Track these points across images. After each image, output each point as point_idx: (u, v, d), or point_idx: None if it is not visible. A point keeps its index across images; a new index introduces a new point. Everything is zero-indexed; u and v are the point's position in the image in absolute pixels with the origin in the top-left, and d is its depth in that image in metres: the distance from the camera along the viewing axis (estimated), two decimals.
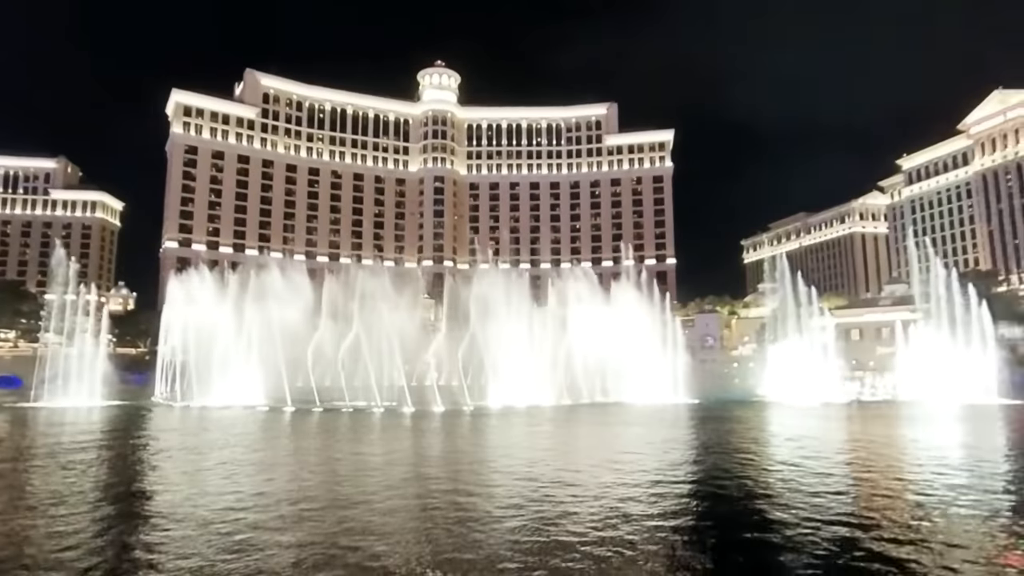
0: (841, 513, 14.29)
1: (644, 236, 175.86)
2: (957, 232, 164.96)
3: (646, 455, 27.19)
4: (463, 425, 44.74)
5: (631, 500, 15.99)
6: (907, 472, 22.88)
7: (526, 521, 13.25)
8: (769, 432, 40.60)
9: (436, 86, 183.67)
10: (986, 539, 12.34)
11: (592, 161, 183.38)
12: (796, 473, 21.36)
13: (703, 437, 35.20)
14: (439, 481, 19.67)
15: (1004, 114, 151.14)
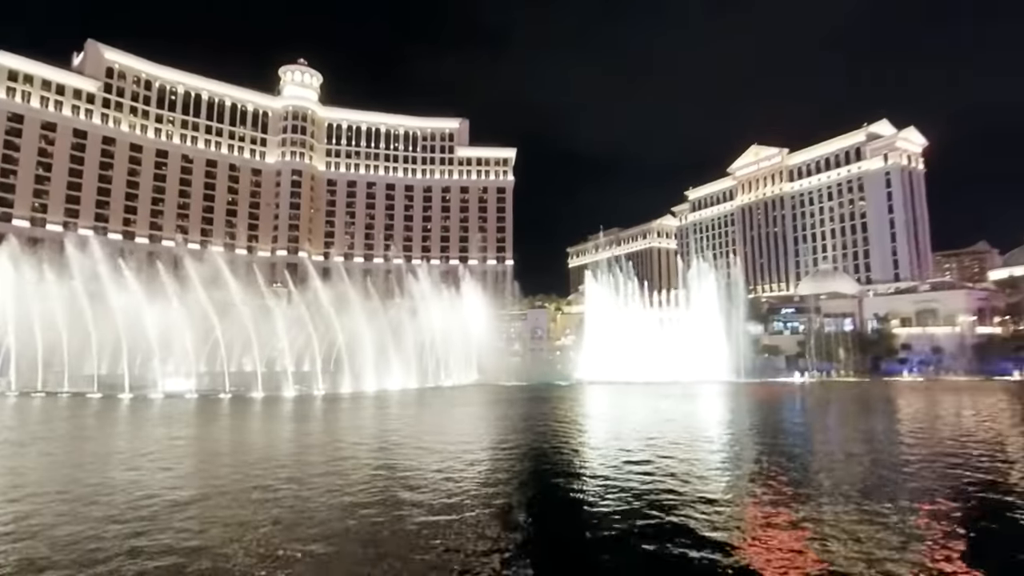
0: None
1: (488, 240, 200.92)
2: (724, 250, 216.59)
3: (476, 429, 35.09)
4: (309, 409, 48.14)
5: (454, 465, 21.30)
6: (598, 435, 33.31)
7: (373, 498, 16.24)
8: (570, 407, 51.69)
9: (298, 83, 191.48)
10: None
11: (444, 169, 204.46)
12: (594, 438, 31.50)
13: (520, 411, 44.75)
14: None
15: (757, 164, 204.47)
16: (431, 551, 11.58)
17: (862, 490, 17.83)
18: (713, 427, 37.68)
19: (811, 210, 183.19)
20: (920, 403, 55.71)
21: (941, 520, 14.61)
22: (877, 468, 22.03)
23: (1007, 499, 17.08)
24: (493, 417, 43.21)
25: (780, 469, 21.78)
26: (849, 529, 13.37)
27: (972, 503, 16.49)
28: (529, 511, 15.84)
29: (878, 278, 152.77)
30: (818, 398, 63.47)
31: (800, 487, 18.82)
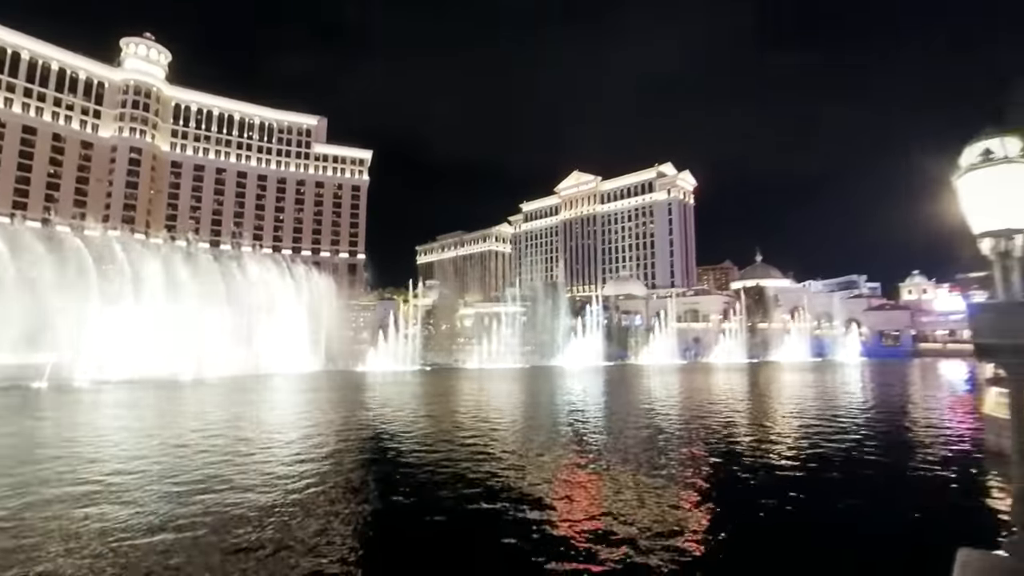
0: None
1: (341, 234, 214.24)
2: (550, 257, 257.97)
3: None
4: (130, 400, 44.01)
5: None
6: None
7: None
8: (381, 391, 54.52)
9: (142, 57, 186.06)
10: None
11: (300, 163, 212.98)
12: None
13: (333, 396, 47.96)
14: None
15: (577, 187, 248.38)
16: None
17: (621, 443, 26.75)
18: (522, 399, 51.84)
19: (615, 228, 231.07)
20: (689, 379, 73.58)
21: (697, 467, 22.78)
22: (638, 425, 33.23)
23: (736, 448, 25.94)
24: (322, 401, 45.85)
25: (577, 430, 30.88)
26: (631, 480, 19.33)
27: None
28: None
29: (660, 284, 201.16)
30: (618, 376, 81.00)
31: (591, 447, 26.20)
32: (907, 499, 19.41)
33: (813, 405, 46.21)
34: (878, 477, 22.80)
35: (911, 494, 20.06)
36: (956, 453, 26.88)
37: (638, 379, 75.72)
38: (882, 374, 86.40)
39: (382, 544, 14.20)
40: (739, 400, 50.56)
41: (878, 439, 31.29)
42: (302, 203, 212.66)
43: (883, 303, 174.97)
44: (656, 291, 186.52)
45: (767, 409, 44.73)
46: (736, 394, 56.06)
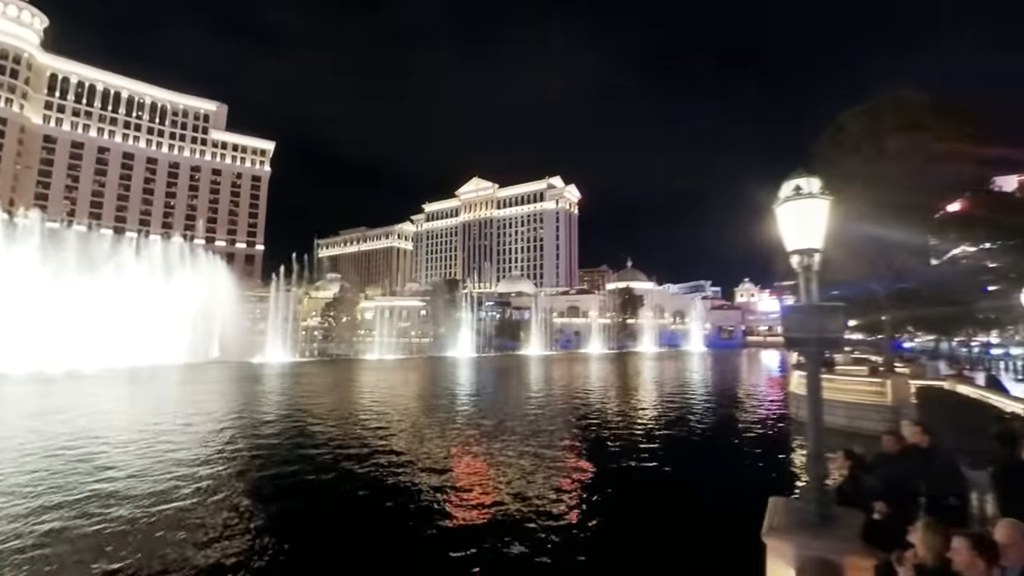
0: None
1: (238, 223, 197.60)
2: (449, 255, 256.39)
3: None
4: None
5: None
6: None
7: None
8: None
9: (11, 18, 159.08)
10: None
11: (196, 148, 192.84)
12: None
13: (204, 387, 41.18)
14: None
15: (477, 192, 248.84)
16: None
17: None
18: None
19: (510, 231, 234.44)
20: (571, 366, 78.83)
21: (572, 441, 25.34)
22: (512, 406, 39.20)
23: (595, 421, 29.74)
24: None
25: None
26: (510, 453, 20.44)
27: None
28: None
29: (547, 283, 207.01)
30: (511, 364, 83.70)
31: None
32: (735, 459, 22.26)
33: (667, 385, 51.30)
34: (715, 442, 25.76)
35: (738, 455, 22.98)
36: (771, 422, 30.82)
37: (527, 367, 77.68)
38: (719, 361, 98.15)
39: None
40: (610, 383, 54.13)
41: (714, 411, 35.18)
42: (196, 190, 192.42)
43: (722, 304, 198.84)
44: (543, 289, 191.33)
45: (631, 390, 48.44)
46: (608, 378, 59.98)
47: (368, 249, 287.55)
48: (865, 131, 30.46)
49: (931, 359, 55.21)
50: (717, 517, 13.38)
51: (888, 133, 28.92)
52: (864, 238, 27.04)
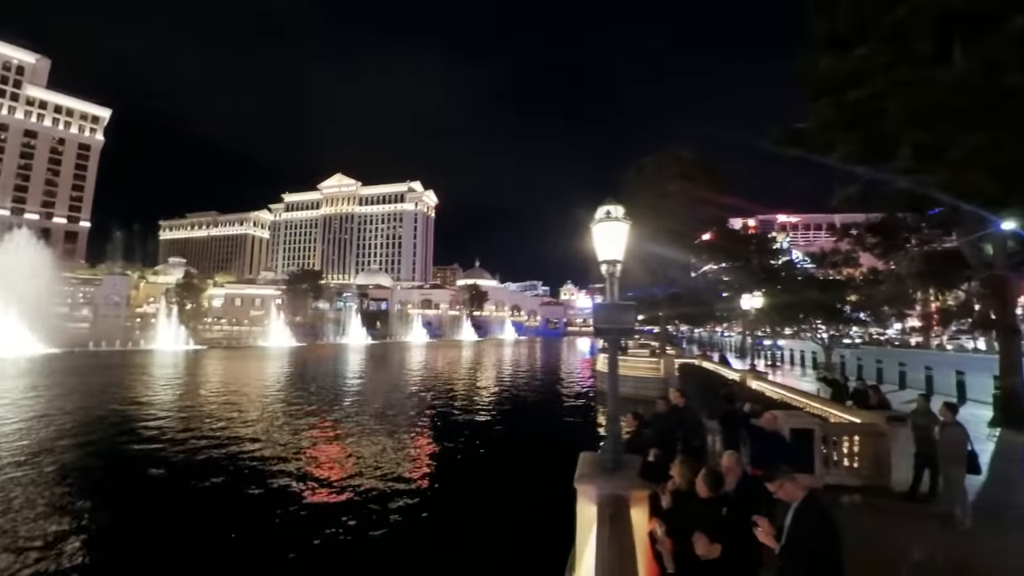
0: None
1: (58, 195, 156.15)
2: (308, 246, 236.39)
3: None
4: None
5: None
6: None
7: None
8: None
9: None
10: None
11: (4, 104, 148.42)
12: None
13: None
14: None
15: (339, 187, 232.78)
16: None
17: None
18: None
19: (370, 228, 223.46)
20: (428, 353, 78.07)
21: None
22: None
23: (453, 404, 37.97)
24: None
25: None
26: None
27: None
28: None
29: (404, 278, 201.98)
30: (378, 352, 79.26)
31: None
32: (558, 422, 24.21)
33: (507, 366, 53.37)
34: (542, 410, 27.71)
35: (560, 419, 25.06)
36: (583, 393, 34.11)
37: (395, 353, 75.32)
38: (547, 346, 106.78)
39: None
40: (464, 366, 54.67)
41: (541, 386, 37.80)
42: (1, 151, 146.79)
43: (550, 300, 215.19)
44: (400, 283, 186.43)
45: (478, 371, 49.45)
46: (463, 362, 60.63)
47: (220, 235, 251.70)
48: (655, 174, 35.22)
49: (688, 344, 65.41)
50: (543, 469, 14.16)
51: (669, 178, 33.84)
52: (650, 254, 31.48)
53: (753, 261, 36.06)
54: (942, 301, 46.53)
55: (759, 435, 7.60)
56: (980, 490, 8.87)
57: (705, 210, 33.31)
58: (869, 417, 10.27)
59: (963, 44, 14.86)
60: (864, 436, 9.83)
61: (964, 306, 30.11)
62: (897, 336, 71.12)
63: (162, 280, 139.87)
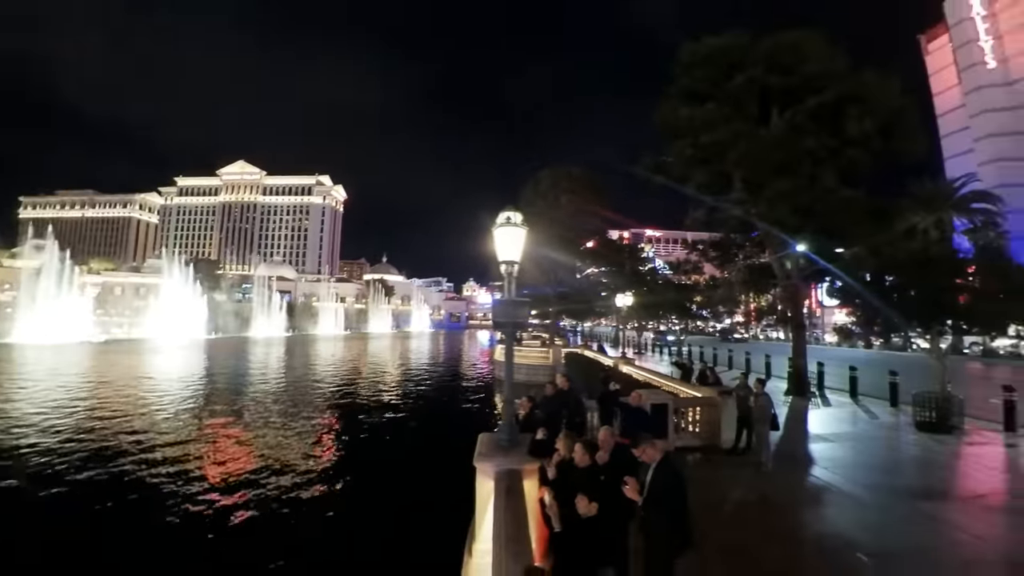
0: None
1: None
2: (202, 234, 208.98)
3: None
4: None
5: None
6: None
7: None
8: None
9: None
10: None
11: None
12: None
13: None
14: None
15: (242, 175, 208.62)
16: None
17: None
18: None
19: (275, 218, 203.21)
20: (334, 345, 69.41)
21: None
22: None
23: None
24: None
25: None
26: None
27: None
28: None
29: (309, 270, 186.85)
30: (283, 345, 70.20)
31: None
32: (456, 408, 24.12)
33: (415, 356, 51.88)
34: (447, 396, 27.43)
35: (458, 406, 24.97)
36: (483, 381, 34.47)
37: (302, 346, 69.15)
38: (450, 338, 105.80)
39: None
40: (373, 357, 52.01)
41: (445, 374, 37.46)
42: None
43: (454, 296, 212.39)
44: (305, 276, 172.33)
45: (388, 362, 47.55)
46: (371, 355, 57.40)
47: (98, 216, 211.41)
48: (549, 187, 36.65)
49: (573, 335, 69.23)
50: (445, 450, 14.07)
51: (561, 192, 35.47)
52: (543, 257, 32.74)
53: (626, 266, 39.18)
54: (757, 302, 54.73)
55: (627, 410, 8.36)
56: (778, 443, 10.60)
57: (590, 221, 35.54)
58: (707, 392, 11.76)
59: (779, 112, 17.70)
60: (703, 407, 11.24)
61: (771, 306, 35.74)
62: (727, 328, 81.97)
63: (20, 264, 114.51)
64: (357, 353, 57.92)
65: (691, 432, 11.09)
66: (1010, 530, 7.03)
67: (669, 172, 19.85)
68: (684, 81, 19.03)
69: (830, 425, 13.60)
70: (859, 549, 6.24)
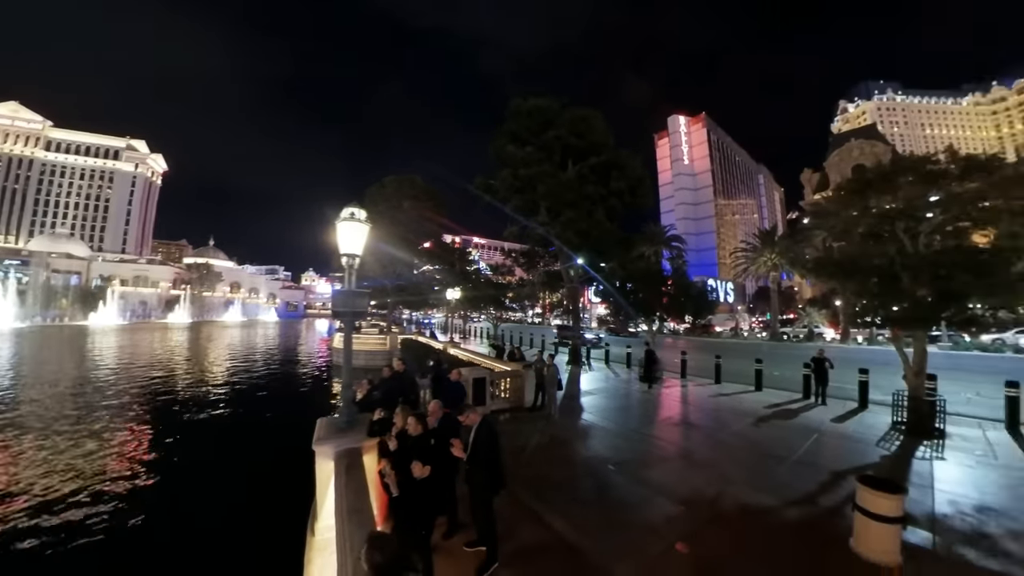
0: None
1: None
2: None
3: None
4: None
5: None
6: None
7: None
8: None
9: None
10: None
11: None
12: None
13: None
14: None
15: (13, 120, 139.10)
16: None
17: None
18: None
19: (62, 181, 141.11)
20: (133, 337, 50.81)
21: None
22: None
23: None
24: None
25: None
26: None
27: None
28: None
29: (109, 248, 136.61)
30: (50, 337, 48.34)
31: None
32: (299, 395, 20.72)
33: (242, 350, 42.29)
34: (285, 384, 23.23)
35: (300, 392, 21.52)
36: (321, 368, 30.53)
37: (76, 340, 48.69)
38: (286, 327, 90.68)
39: None
40: (182, 352, 40.06)
41: (283, 363, 31.82)
42: None
43: (291, 285, 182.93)
44: (103, 254, 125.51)
45: (216, 354, 37.53)
46: (181, 348, 44.18)
47: None
48: (394, 191, 34.61)
49: (408, 324, 67.39)
50: (289, 435, 12.13)
51: (405, 196, 33.89)
52: (384, 253, 30.80)
53: (456, 266, 39.78)
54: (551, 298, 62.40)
55: (452, 385, 8.39)
56: (562, 399, 12.19)
57: (428, 225, 34.82)
58: (515, 366, 12.70)
59: (572, 163, 20.39)
60: (512, 377, 12.10)
61: (560, 302, 41.18)
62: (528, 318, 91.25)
63: None
64: (157, 348, 42.27)
65: (504, 398, 11.82)
66: (682, 436, 9.54)
67: (495, 193, 20.97)
68: (512, 125, 20.58)
69: (593, 384, 16.24)
70: (609, 462, 7.71)
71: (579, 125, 19.96)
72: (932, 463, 7.70)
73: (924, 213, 9.52)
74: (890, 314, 9.12)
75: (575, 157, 20.18)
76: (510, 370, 12.13)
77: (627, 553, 4.84)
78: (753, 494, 6.31)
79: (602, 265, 22.04)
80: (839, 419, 10.77)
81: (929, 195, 9.44)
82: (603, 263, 21.98)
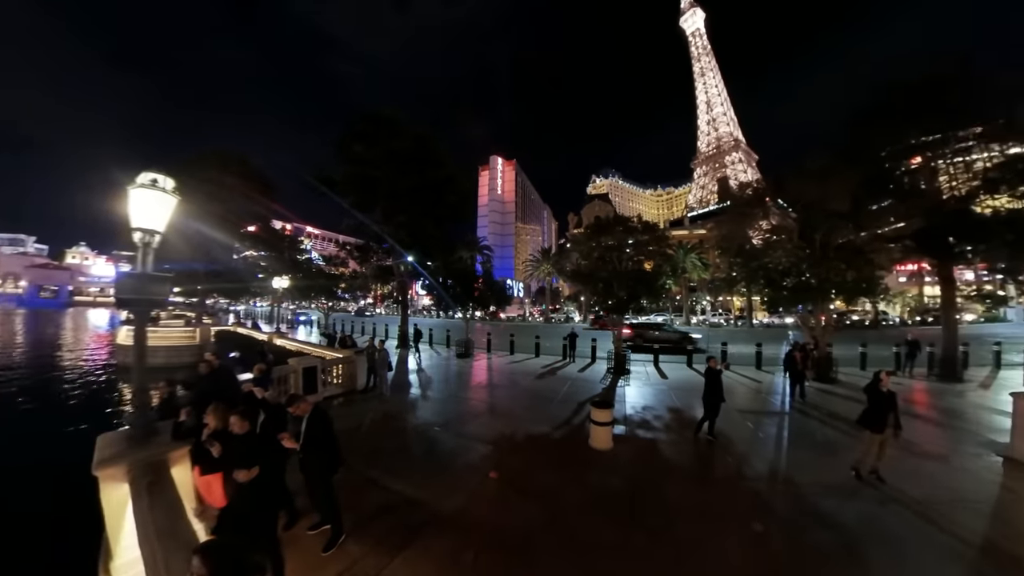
0: None
1: None
2: None
3: None
4: None
5: None
6: None
7: None
8: None
9: None
10: None
11: None
12: None
13: None
14: None
15: None
16: None
17: None
18: None
19: None
20: None
21: None
22: None
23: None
24: None
25: None
26: None
27: None
28: None
29: None
30: None
31: None
32: (68, 411, 12.41)
33: None
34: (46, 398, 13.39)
35: (71, 406, 12.93)
36: (101, 369, 19.49)
37: None
38: (41, 318, 52.62)
39: None
40: None
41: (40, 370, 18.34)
42: None
43: (47, 263, 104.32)
44: None
45: None
46: None
47: None
48: (217, 165, 24.56)
49: (225, 314, 49.91)
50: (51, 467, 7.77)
51: (229, 173, 24.56)
52: (197, 232, 21.99)
53: (285, 254, 32.04)
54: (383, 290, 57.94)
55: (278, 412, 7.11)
56: (392, 379, 11.92)
57: (254, 208, 26.41)
58: (347, 353, 11.61)
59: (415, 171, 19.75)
60: (344, 364, 11.04)
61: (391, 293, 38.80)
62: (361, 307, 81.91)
63: None
64: None
65: (336, 384, 10.69)
66: (489, 395, 10.91)
67: (335, 188, 18.32)
68: (364, 127, 18.50)
69: (420, 363, 16.40)
70: (435, 425, 7.96)
71: (425, 141, 19.73)
72: (625, 389, 10.93)
73: (625, 249, 15.15)
74: (607, 306, 13.36)
75: (415, 167, 19.67)
76: (342, 357, 11.04)
77: (455, 489, 5.27)
78: (535, 426, 7.76)
79: (428, 263, 22.26)
80: (582, 370, 13.85)
81: (628, 240, 15.16)
82: (430, 262, 22.24)
